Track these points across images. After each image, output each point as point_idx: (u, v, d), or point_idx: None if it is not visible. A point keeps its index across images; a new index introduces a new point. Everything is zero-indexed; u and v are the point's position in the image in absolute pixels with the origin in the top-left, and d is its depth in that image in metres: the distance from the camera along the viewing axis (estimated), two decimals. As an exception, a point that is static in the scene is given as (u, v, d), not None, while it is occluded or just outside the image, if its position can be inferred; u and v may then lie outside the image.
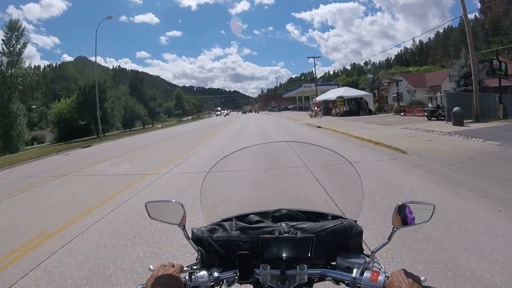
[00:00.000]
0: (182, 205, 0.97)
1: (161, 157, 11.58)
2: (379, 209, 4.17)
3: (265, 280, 0.88)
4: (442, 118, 17.19)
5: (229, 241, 0.95)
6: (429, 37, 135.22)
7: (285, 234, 0.92)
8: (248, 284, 0.92)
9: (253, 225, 1.00)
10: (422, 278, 0.80)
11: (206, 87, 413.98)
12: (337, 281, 0.90)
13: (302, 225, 0.97)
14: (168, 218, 0.99)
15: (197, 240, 0.96)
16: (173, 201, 0.99)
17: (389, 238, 0.96)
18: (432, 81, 46.17)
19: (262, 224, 1.00)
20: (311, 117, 30.27)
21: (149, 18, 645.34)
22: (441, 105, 19.82)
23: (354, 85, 56.26)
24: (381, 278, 0.81)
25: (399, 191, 5.14)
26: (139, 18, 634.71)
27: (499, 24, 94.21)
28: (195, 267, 0.96)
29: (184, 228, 0.98)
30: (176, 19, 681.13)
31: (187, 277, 0.87)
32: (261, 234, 0.93)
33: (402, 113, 26.02)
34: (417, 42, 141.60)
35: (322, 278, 0.93)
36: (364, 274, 0.84)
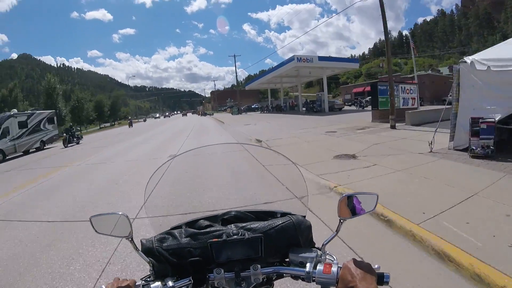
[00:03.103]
0: (127, 216, 0.96)
1: None
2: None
3: (221, 284, 0.88)
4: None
5: (179, 248, 0.94)
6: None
7: (234, 236, 0.92)
8: None
9: (202, 230, 0.99)
10: (376, 265, 0.81)
11: (160, 87, 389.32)
12: (294, 277, 0.92)
13: (251, 226, 0.98)
14: (114, 231, 0.98)
15: (147, 251, 0.95)
16: (118, 213, 0.97)
17: (337, 230, 0.98)
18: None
19: (212, 229, 1.00)
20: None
21: (102, 14, 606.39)
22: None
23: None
24: (334, 269, 0.83)
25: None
26: (91, 15, 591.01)
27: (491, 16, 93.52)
28: (149, 279, 0.93)
29: (132, 240, 0.97)
30: (129, 16, 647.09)
31: None
32: (210, 238, 0.93)
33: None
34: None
35: (280, 275, 0.94)
36: (317, 267, 0.86)
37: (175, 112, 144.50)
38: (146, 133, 24.45)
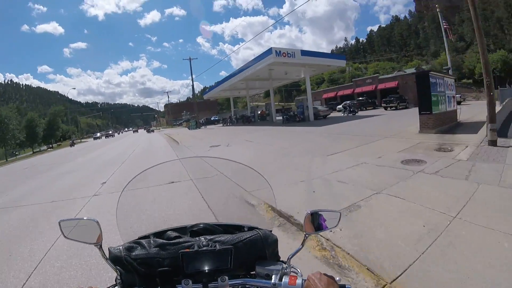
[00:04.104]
0: (98, 222, 0.95)
1: None
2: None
3: None
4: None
5: (148, 258, 0.93)
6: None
7: (204, 248, 0.93)
8: None
9: (171, 241, 0.99)
10: (337, 278, 0.84)
11: (113, 103, 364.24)
12: None
13: (220, 238, 1.00)
14: (84, 237, 0.96)
15: (115, 259, 0.93)
16: (89, 218, 0.96)
17: (303, 244, 1.02)
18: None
19: (181, 240, 1.01)
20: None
21: (53, 28, 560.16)
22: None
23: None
24: (299, 281, 0.86)
25: None
26: (42, 28, 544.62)
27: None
28: None
29: (100, 248, 0.95)
30: (81, 30, 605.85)
31: None
32: (181, 249, 0.94)
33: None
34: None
35: None
36: (283, 279, 0.88)
37: (125, 130, 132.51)
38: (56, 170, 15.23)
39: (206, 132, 28.83)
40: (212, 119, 61.32)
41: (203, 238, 1.00)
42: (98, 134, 68.62)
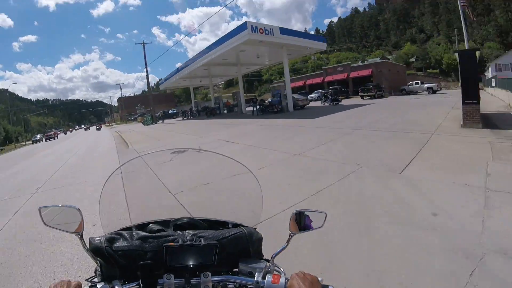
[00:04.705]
0: (79, 210, 0.92)
1: None
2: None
3: None
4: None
5: (131, 251, 0.89)
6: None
7: (189, 242, 0.91)
8: None
9: (155, 234, 0.96)
10: (320, 278, 0.82)
11: (65, 99, 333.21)
12: (240, 287, 0.91)
13: (204, 234, 0.97)
14: (64, 226, 0.92)
15: (96, 250, 0.90)
16: (70, 206, 0.92)
17: (287, 242, 0.98)
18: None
19: (164, 233, 0.98)
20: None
21: (1, 20, 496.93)
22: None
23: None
24: (282, 280, 0.84)
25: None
26: None
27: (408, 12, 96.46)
28: (95, 279, 0.90)
29: (81, 237, 0.91)
30: (31, 22, 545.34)
31: None
32: (164, 243, 0.90)
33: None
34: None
35: (224, 285, 0.92)
36: (266, 278, 0.86)
37: (76, 128, 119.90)
38: None
39: (164, 128, 23.78)
40: (170, 112, 55.57)
41: (187, 233, 0.97)
42: (38, 136, 52.51)
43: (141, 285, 0.84)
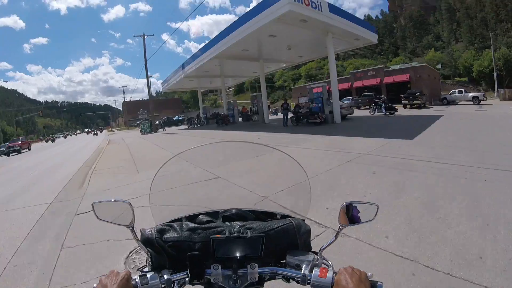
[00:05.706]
0: (131, 204, 0.93)
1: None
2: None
3: (217, 280, 0.86)
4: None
5: (180, 241, 0.91)
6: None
7: (236, 234, 0.90)
8: (199, 285, 0.88)
9: (203, 225, 0.96)
10: (369, 273, 0.80)
11: (74, 102, 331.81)
12: (287, 279, 0.90)
13: (252, 225, 0.95)
14: (116, 219, 0.94)
15: (147, 241, 0.91)
16: (122, 200, 0.93)
17: (336, 236, 0.96)
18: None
19: (213, 224, 0.98)
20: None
21: (13, 21, 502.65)
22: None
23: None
24: (329, 274, 0.82)
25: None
26: (2, 21, 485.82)
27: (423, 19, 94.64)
28: (146, 269, 0.91)
29: (133, 229, 0.92)
30: (42, 24, 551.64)
31: (137, 280, 0.82)
32: (212, 234, 0.91)
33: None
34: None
35: (272, 277, 0.92)
36: (314, 271, 0.84)
37: (78, 132, 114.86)
38: None
39: (160, 142, 17.72)
40: (175, 119, 49.83)
41: (235, 224, 0.97)
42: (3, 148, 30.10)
43: (189, 275, 0.85)
